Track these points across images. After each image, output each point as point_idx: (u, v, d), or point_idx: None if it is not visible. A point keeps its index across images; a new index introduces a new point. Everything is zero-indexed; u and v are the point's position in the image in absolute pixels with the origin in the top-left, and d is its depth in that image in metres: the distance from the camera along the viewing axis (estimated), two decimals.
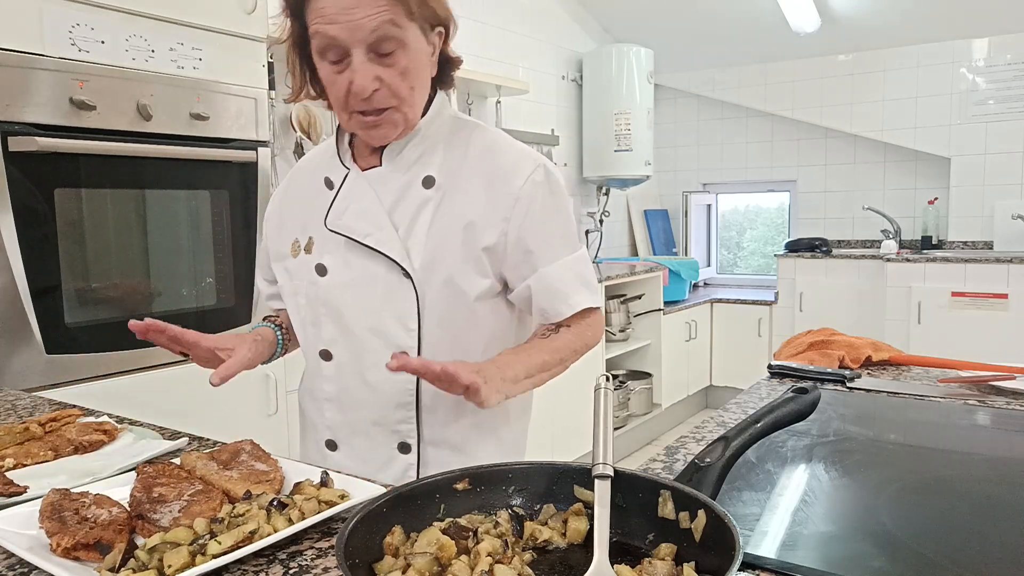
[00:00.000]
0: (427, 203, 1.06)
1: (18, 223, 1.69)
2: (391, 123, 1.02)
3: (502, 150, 1.09)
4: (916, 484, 0.86)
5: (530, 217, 1.06)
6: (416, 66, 1.01)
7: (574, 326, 1.10)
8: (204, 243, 2.12)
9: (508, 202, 1.05)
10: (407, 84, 1.00)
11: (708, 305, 4.70)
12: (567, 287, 1.08)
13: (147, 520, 0.73)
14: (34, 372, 1.73)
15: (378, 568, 0.62)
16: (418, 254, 1.05)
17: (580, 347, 1.11)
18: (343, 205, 1.08)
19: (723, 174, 5.19)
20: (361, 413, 1.10)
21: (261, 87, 2.21)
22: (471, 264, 1.06)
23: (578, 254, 1.11)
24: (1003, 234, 4.16)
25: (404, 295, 1.05)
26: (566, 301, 1.08)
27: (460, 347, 1.07)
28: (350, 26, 0.94)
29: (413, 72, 1.00)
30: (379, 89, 0.98)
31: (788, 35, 4.39)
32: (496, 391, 0.94)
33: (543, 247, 1.07)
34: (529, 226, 1.06)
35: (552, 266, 1.07)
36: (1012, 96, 4.12)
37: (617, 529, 0.67)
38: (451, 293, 1.06)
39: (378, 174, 1.08)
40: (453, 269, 1.05)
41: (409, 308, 1.05)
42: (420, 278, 1.05)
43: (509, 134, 1.14)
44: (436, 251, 1.05)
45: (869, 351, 1.44)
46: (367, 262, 1.06)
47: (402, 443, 1.09)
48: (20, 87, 1.69)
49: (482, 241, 1.05)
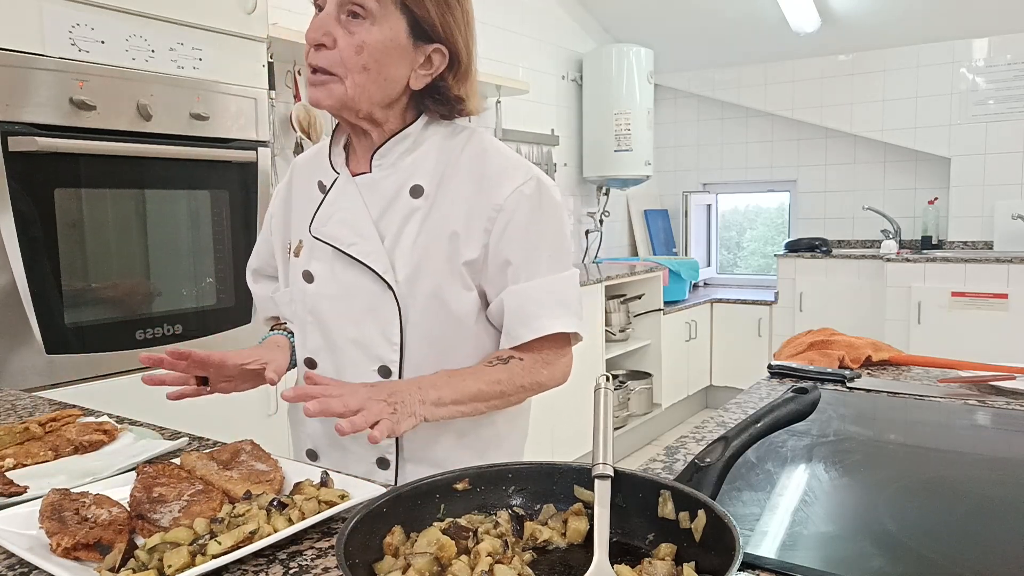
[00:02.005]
0: (415, 213, 1.03)
1: (18, 223, 1.69)
2: (327, 89, 0.98)
3: (493, 158, 1.05)
4: (916, 484, 0.86)
5: (513, 229, 1.01)
6: (380, 50, 0.96)
7: (527, 359, 1.01)
8: (204, 243, 2.12)
9: (491, 213, 1.01)
10: (359, 59, 0.96)
11: (708, 305, 4.70)
12: (539, 309, 1.00)
13: (147, 520, 0.73)
14: (34, 372, 1.72)
15: (378, 568, 0.62)
16: (403, 266, 1.01)
17: (528, 384, 1.01)
18: (329, 211, 1.05)
19: (723, 174, 5.19)
20: None
21: (261, 87, 2.21)
22: (456, 277, 1.02)
23: (564, 275, 1.04)
24: (1003, 234, 4.16)
25: (387, 308, 1.02)
26: (529, 324, 1.00)
27: (446, 364, 1.03)
28: None
29: (371, 52, 0.96)
30: (329, 48, 0.96)
31: (788, 35, 4.39)
32: (409, 415, 0.89)
33: (523, 262, 1.01)
34: (511, 238, 1.01)
35: (529, 283, 1.01)
36: (1012, 96, 4.12)
37: (617, 529, 0.67)
38: (436, 307, 1.02)
39: (368, 180, 1.05)
40: (438, 282, 1.02)
41: (391, 321, 1.02)
42: (403, 291, 1.01)
43: (509, 134, 1.13)
44: (421, 263, 1.01)
45: (869, 351, 1.44)
46: (352, 272, 1.03)
47: (381, 458, 1.06)
48: (20, 87, 1.69)
49: (464, 254, 1.01)
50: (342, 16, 0.96)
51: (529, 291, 1.01)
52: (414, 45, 0.99)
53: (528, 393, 1.03)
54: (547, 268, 1.03)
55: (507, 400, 1.02)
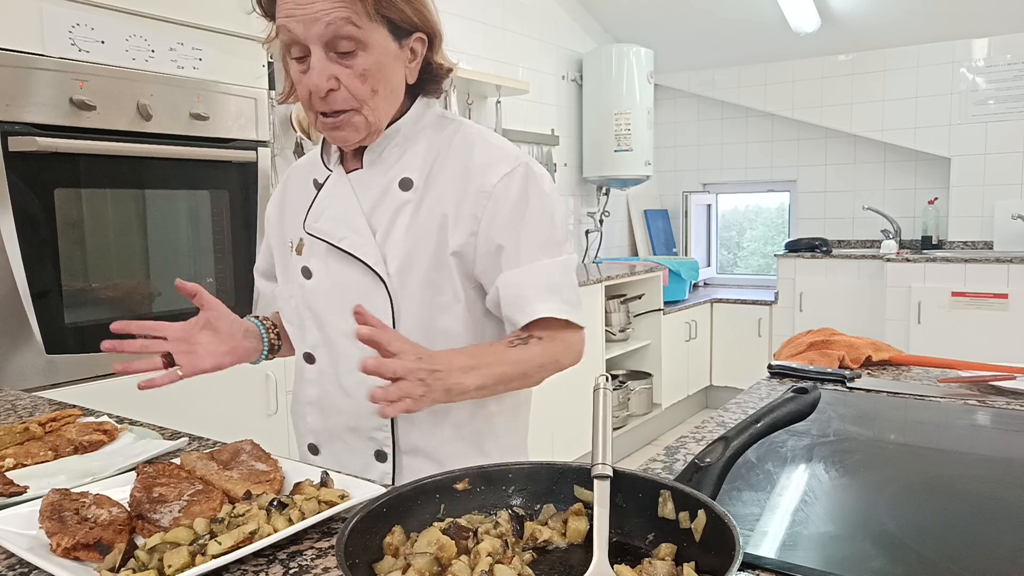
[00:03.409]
0: (405, 206, 1.04)
1: (18, 223, 1.69)
2: (351, 126, 1.00)
3: (481, 147, 1.05)
4: (916, 484, 0.86)
5: (502, 215, 1.01)
6: (379, 69, 0.98)
7: (545, 338, 1.01)
8: (204, 243, 2.12)
9: (481, 200, 1.01)
10: (367, 87, 0.98)
11: (708, 305, 4.70)
12: (532, 292, 1.00)
13: (147, 520, 0.73)
14: (34, 372, 1.72)
15: (378, 568, 0.62)
16: (394, 258, 1.03)
17: (548, 363, 1.01)
18: (321, 208, 1.07)
19: (723, 174, 5.19)
20: (339, 419, 1.09)
21: (261, 87, 2.21)
22: (445, 268, 1.03)
23: (558, 260, 1.03)
24: (1003, 234, 4.16)
25: (379, 300, 1.03)
26: (523, 308, 1.00)
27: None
28: (306, 20, 0.93)
29: (374, 75, 0.97)
30: (336, 90, 0.97)
31: (788, 35, 4.39)
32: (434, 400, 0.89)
33: (514, 248, 1.01)
34: (501, 225, 1.01)
35: (521, 268, 1.01)
36: (1012, 96, 4.12)
37: (617, 529, 0.67)
38: (427, 298, 1.03)
39: (359, 176, 1.07)
40: (429, 274, 1.02)
41: (383, 314, 1.02)
42: (395, 283, 1.02)
43: (509, 134, 1.13)
44: (412, 254, 1.02)
45: (869, 351, 1.44)
46: (344, 266, 1.05)
47: (378, 451, 1.08)
48: (20, 87, 1.69)
49: (451, 243, 1.02)
50: (331, 54, 0.96)
51: (521, 276, 1.01)
52: (399, 46, 1.01)
53: (546, 372, 1.02)
54: (540, 253, 1.02)
55: (526, 381, 1.01)
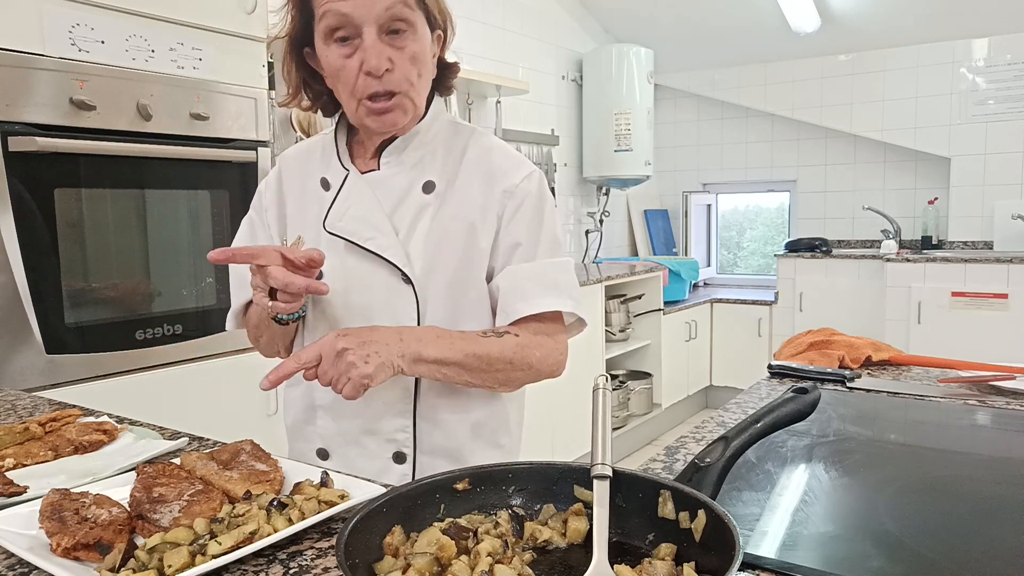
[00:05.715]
0: (426, 208, 1.05)
1: (18, 223, 1.69)
2: (401, 108, 1.00)
3: (498, 154, 1.10)
4: (916, 484, 0.86)
5: (522, 212, 1.06)
6: (424, 54, 1.01)
7: (523, 336, 1.02)
8: (204, 243, 2.12)
9: (503, 199, 1.06)
10: (415, 70, 1.00)
11: (708, 305, 4.70)
12: (535, 287, 1.04)
13: (147, 520, 0.73)
14: (34, 372, 1.72)
15: (378, 568, 0.62)
16: (418, 258, 1.04)
17: (518, 361, 1.00)
18: (343, 207, 1.06)
19: (723, 174, 5.19)
20: (355, 422, 1.08)
21: (261, 87, 2.21)
22: (473, 268, 1.05)
23: (559, 260, 1.09)
24: (1003, 234, 4.16)
25: (404, 300, 1.03)
26: (527, 299, 1.03)
27: None
28: (366, 1, 0.94)
29: (421, 59, 1.00)
30: (391, 70, 0.97)
31: (788, 35, 4.39)
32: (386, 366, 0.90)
33: (528, 244, 1.06)
34: (520, 222, 1.06)
35: (528, 263, 1.05)
36: (1012, 96, 4.12)
37: (617, 529, 0.67)
38: (452, 298, 1.05)
39: (377, 177, 1.07)
40: (455, 274, 1.05)
41: (409, 313, 1.03)
42: (421, 283, 1.04)
43: (509, 134, 1.15)
44: (436, 255, 1.04)
45: (869, 351, 1.44)
46: (367, 266, 1.04)
47: (397, 452, 1.07)
48: (20, 87, 1.69)
49: (480, 243, 1.05)
50: (383, 36, 0.97)
51: (527, 271, 1.05)
52: (433, 38, 1.03)
53: (516, 372, 1.01)
54: (545, 252, 1.07)
55: (494, 375, 1.00)
